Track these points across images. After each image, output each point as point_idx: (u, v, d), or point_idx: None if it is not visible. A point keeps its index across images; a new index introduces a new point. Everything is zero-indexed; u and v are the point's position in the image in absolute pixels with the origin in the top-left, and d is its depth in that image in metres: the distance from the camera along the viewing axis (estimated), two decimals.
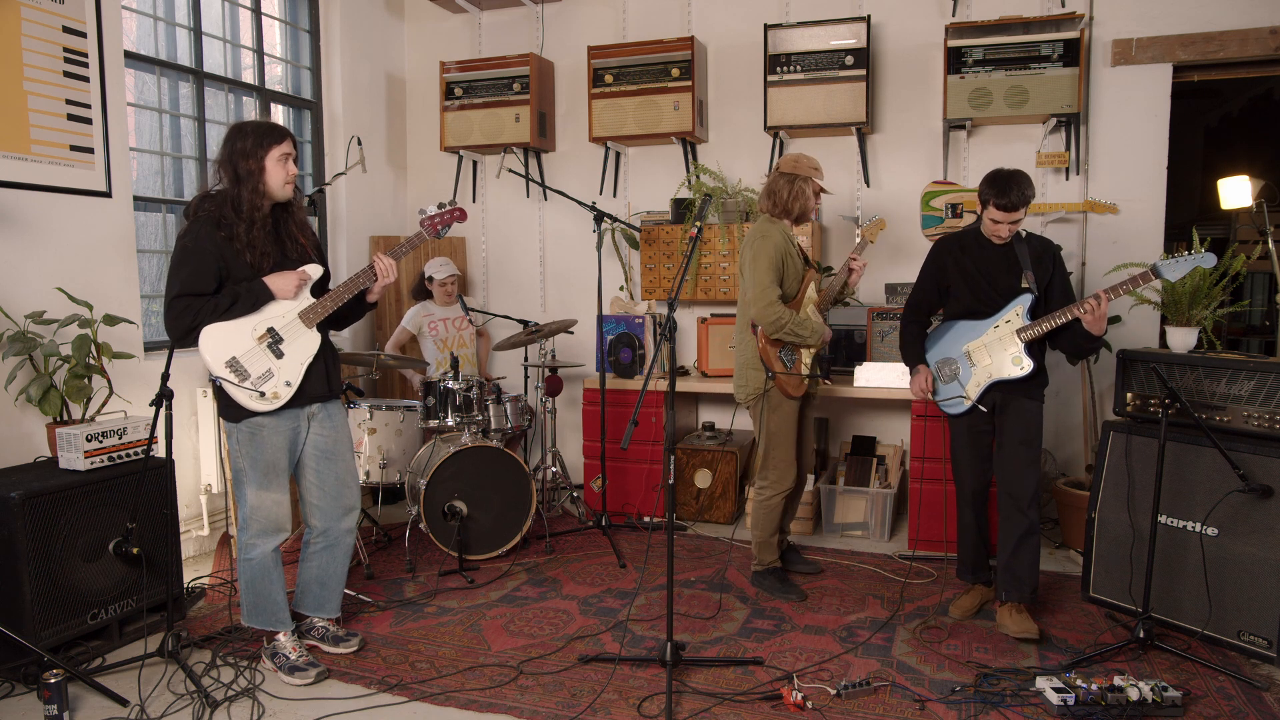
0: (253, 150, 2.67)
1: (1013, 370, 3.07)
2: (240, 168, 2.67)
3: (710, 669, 2.85)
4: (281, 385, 2.76)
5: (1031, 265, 3.07)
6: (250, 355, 2.72)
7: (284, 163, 2.71)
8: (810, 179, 3.40)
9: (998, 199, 2.99)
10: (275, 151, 2.69)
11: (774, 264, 3.31)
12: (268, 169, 2.69)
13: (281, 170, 2.71)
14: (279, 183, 2.71)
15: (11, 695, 2.72)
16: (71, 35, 3.51)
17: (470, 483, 3.86)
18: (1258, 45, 3.99)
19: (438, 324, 4.72)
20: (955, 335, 3.24)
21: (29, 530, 2.77)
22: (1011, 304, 3.10)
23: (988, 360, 3.13)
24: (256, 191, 2.68)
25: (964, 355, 3.19)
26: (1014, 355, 3.08)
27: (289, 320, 2.79)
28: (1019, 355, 3.07)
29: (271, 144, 2.69)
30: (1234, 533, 2.95)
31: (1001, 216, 3.01)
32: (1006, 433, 3.13)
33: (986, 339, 3.14)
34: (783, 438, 3.47)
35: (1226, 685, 2.73)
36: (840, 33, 4.40)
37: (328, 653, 2.98)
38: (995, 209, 3.01)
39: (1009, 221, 3.02)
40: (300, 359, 2.80)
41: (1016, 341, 3.07)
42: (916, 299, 3.35)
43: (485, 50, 5.37)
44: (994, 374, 3.11)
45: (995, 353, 3.12)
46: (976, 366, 3.16)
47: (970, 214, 4.43)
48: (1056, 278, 3.12)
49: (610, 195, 5.18)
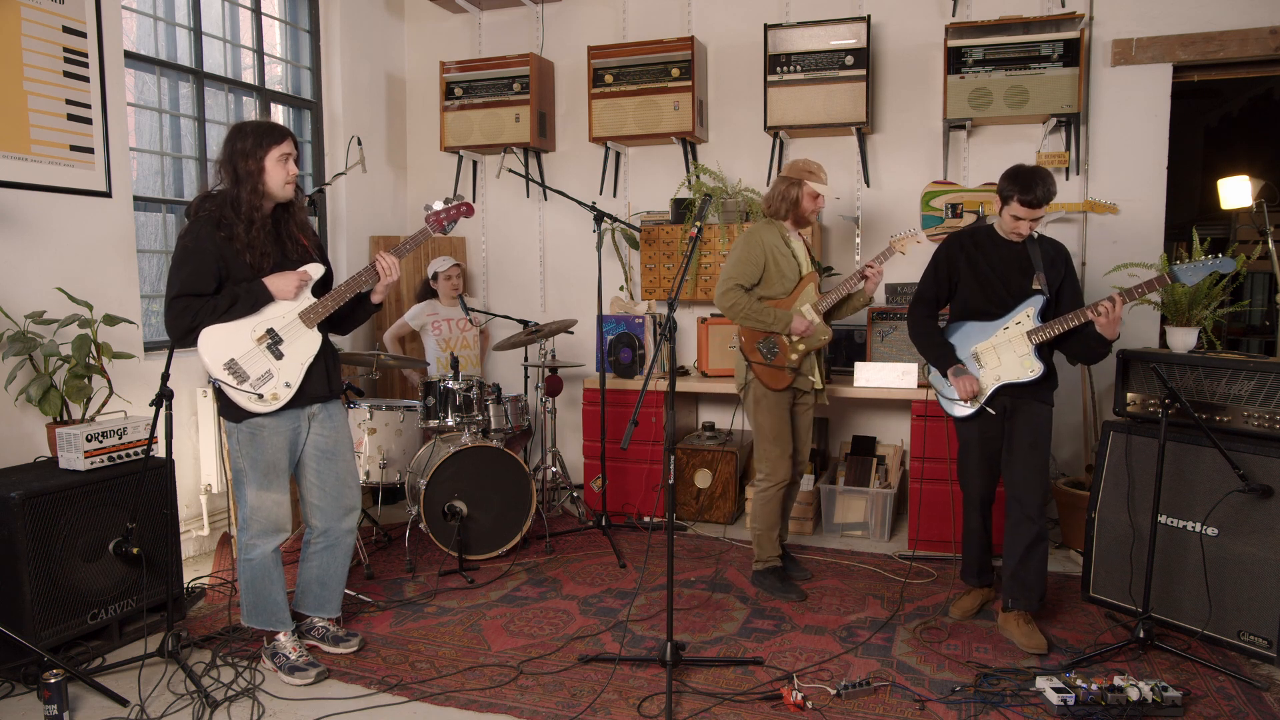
0: (252, 150, 2.66)
1: (1022, 373, 3.02)
2: (240, 168, 2.67)
3: (710, 669, 2.85)
4: (281, 386, 2.75)
5: (1044, 267, 3.02)
6: (249, 357, 2.72)
7: (284, 163, 2.70)
8: (802, 181, 3.41)
9: (1022, 195, 2.92)
10: (275, 151, 2.69)
11: (748, 259, 3.40)
12: (267, 169, 2.68)
13: (282, 170, 2.70)
14: (279, 183, 2.71)
15: (11, 695, 2.72)
16: (71, 35, 3.51)
17: (470, 483, 3.86)
18: (1258, 45, 3.99)
19: (441, 324, 4.72)
20: (963, 336, 3.19)
21: (29, 530, 2.77)
22: (1022, 305, 3.04)
23: (996, 362, 3.07)
24: (256, 192, 2.67)
25: (971, 357, 3.14)
26: (1023, 357, 3.02)
27: (289, 321, 2.78)
28: (1029, 357, 3.01)
29: (271, 144, 2.68)
30: (1234, 533, 2.95)
31: (1025, 213, 2.95)
32: (1016, 437, 3.07)
33: (995, 340, 3.08)
34: (768, 431, 3.49)
35: (1226, 685, 2.73)
36: (840, 33, 4.40)
37: (328, 653, 2.98)
38: (1019, 205, 2.94)
39: (1031, 219, 2.96)
40: (300, 360, 2.79)
41: (1027, 343, 3.01)
42: (927, 293, 3.25)
43: (485, 50, 5.37)
44: (1003, 376, 3.05)
45: (1004, 355, 3.06)
46: (985, 369, 3.10)
47: (970, 214, 4.43)
48: (1068, 281, 3.07)
49: (610, 195, 5.18)
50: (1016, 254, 3.07)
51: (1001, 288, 3.08)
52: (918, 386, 4.03)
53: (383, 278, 2.86)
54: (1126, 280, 3.71)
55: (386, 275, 2.86)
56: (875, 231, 4.68)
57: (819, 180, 3.44)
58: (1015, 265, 3.07)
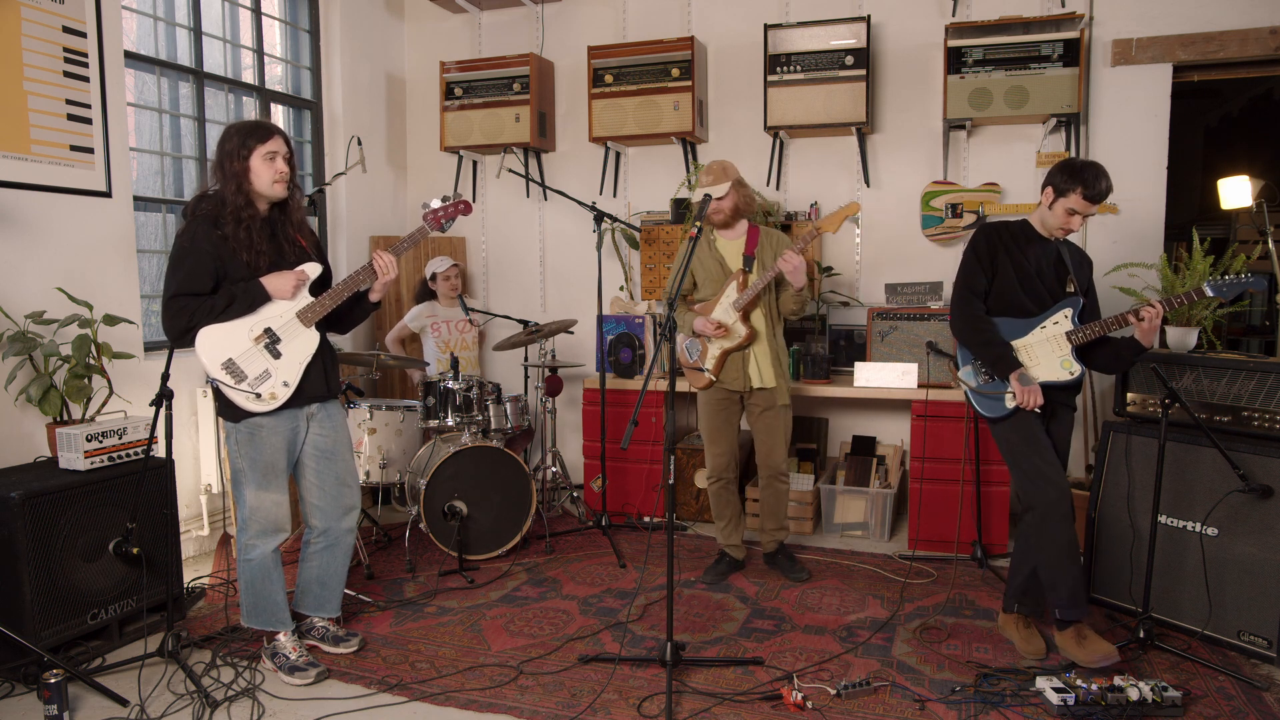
0: (238, 150, 2.67)
1: (1061, 374, 2.90)
2: (228, 168, 2.68)
3: (710, 669, 2.85)
4: (279, 385, 2.75)
5: (1074, 270, 2.95)
6: (247, 356, 2.71)
7: (271, 161, 2.69)
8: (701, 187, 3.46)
9: (1086, 190, 2.79)
10: (261, 150, 2.68)
11: (676, 266, 3.47)
12: (253, 168, 2.68)
13: (268, 168, 2.69)
14: (267, 181, 2.70)
15: (11, 695, 2.72)
16: (71, 35, 3.51)
17: (470, 483, 3.86)
18: (1258, 45, 3.99)
19: (441, 325, 4.72)
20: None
21: (29, 530, 2.77)
22: (1060, 305, 2.94)
23: (1033, 362, 2.94)
24: (242, 190, 2.67)
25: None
26: (1063, 358, 2.90)
27: (286, 320, 2.77)
28: (1069, 359, 2.89)
29: (255, 143, 2.68)
30: (1234, 533, 2.95)
31: (1084, 208, 2.82)
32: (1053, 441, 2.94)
33: (1032, 339, 2.96)
34: (704, 428, 3.70)
35: (1226, 685, 2.72)
36: (840, 33, 4.40)
37: (328, 653, 2.98)
38: (1081, 199, 2.81)
39: (1086, 214, 2.87)
40: (298, 359, 2.79)
41: (1066, 344, 2.90)
42: (977, 285, 3.00)
43: (485, 50, 5.37)
44: (1040, 376, 2.91)
45: (1043, 355, 2.93)
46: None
47: (970, 214, 4.43)
48: (1092, 288, 3.00)
49: (610, 195, 5.18)
50: (1053, 253, 2.98)
51: (1041, 285, 2.97)
52: (918, 386, 4.03)
53: (380, 276, 2.85)
54: (1127, 280, 3.71)
55: (384, 274, 2.85)
56: (875, 231, 4.68)
57: (702, 184, 3.46)
58: (1052, 264, 2.97)
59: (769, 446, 3.63)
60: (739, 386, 3.56)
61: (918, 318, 4.20)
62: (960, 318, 3.02)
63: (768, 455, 3.65)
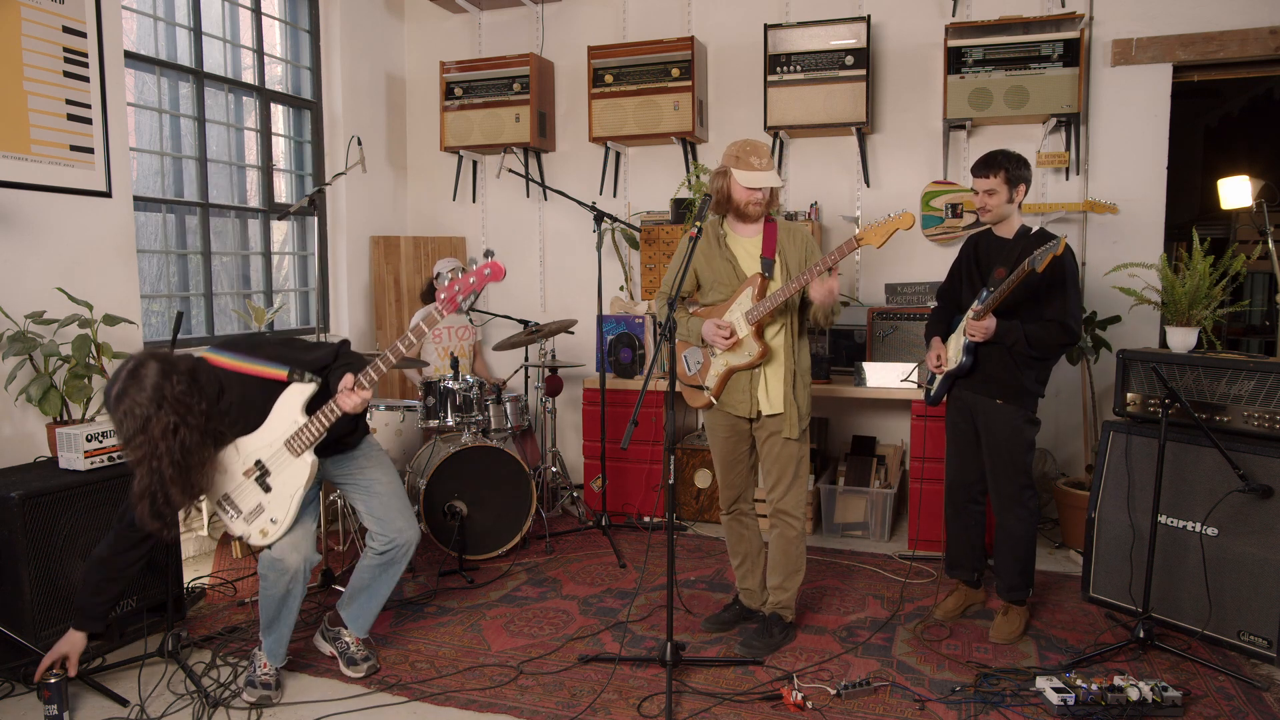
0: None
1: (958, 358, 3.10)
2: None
3: (710, 669, 2.85)
4: (267, 522, 2.62)
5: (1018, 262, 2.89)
6: (240, 490, 2.62)
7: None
8: (728, 170, 2.87)
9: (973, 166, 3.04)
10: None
11: (671, 265, 3.01)
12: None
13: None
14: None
15: (11, 695, 2.72)
16: (71, 35, 3.51)
17: (470, 483, 3.86)
18: (1258, 45, 3.99)
19: (441, 331, 4.73)
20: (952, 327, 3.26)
21: (29, 530, 2.77)
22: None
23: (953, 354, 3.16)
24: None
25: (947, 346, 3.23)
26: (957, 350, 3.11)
27: (275, 450, 2.59)
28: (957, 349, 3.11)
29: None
30: (1234, 533, 2.95)
31: (974, 184, 3.05)
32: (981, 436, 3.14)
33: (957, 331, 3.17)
34: (713, 453, 3.12)
35: (1226, 685, 2.73)
36: (840, 33, 4.40)
37: (341, 673, 2.86)
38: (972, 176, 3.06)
39: (982, 190, 3.01)
40: (289, 492, 2.60)
41: (962, 335, 3.08)
42: (942, 287, 3.35)
43: (485, 50, 5.37)
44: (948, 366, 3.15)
45: (953, 347, 3.16)
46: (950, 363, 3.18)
47: (970, 214, 4.43)
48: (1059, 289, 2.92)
49: (610, 195, 5.18)
50: (1006, 250, 3.05)
51: (982, 281, 3.08)
52: (917, 386, 4.03)
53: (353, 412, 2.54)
54: (1127, 280, 3.71)
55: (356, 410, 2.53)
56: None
57: (749, 167, 2.83)
58: (1000, 260, 3.04)
59: (774, 479, 3.00)
60: (744, 411, 2.96)
61: (918, 318, 4.21)
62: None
63: (771, 490, 3.02)
